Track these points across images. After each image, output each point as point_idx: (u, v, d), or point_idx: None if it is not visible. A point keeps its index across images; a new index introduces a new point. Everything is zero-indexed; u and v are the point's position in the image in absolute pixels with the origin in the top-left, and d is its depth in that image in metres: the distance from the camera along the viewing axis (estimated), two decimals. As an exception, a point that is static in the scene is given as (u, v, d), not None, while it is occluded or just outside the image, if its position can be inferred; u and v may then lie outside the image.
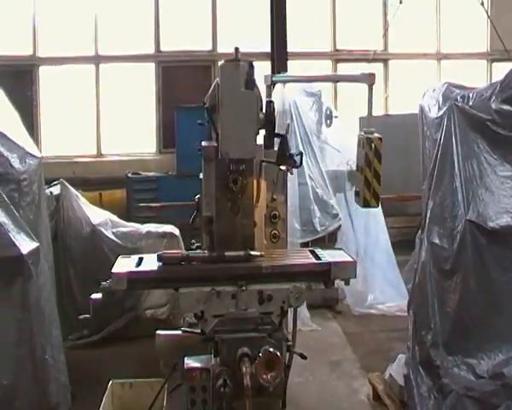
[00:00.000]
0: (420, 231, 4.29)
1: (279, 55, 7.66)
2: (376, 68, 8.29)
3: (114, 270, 3.26)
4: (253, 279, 3.32)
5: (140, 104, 8.13)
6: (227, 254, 3.46)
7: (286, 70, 7.76)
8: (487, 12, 7.77)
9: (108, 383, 3.54)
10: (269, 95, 4.56)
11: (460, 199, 3.74)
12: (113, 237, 5.32)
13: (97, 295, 4.05)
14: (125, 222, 5.69)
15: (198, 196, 3.92)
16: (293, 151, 3.65)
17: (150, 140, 8.27)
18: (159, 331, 3.74)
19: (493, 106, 3.78)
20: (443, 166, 3.93)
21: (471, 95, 4.28)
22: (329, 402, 4.50)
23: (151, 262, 3.42)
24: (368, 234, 6.45)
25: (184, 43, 7.91)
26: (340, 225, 6.01)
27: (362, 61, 8.12)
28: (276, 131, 3.38)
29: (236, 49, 3.36)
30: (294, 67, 7.82)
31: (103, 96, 7.98)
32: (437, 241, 3.82)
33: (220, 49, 7.97)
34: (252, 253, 3.44)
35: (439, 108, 4.74)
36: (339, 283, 3.59)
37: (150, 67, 7.97)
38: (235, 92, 3.20)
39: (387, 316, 6.28)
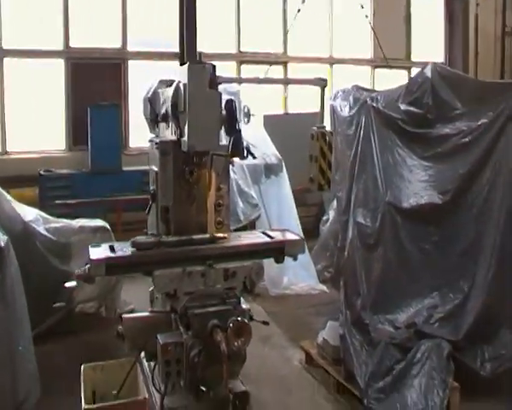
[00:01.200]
0: (342, 213, 4.98)
1: (190, 57, 7.96)
2: (277, 70, 9.01)
3: (92, 256, 3.48)
4: (219, 258, 3.74)
5: (48, 101, 7.95)
6: (194, 237, 3.83)
7: (196, 70, 8.09)
8: (370, 23, 8.82)
9: (81, 368, 3.69)
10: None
11: (380, 185, 4.47)
12: (45, 233, 5.32)
13: (71, 283, 4.18)
14: (55, 218, 5.69)
15: (153, 187, 4.22)
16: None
17: (59, 138, 8.12)
18: (124, 315, 3.94)
19: (402, 107, 4.57)
20: (364, 157, 4.63)
21: (379, 97, 5.05)
22: (268, 371, 5.00)
23: (124, 249, 3.68)
24: (281, 222, 7.06)
25: (94, 41, 7.90)
26: (259, 215, 6.55)
27: (264, 63, 8.74)
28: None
29: (200, 53, 3.76)
30: (202, 68, 8.18)
31: (8, 93, 7.68)
32: (362, 220, 4.52)
33: (130, 48, 8.10)
34: (216, 235, 3.86)
35: (351, 108, 5.47)
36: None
37: (59, 64, 7.83)
38: (201, 92, 3.60)
39: (301, 295, 6.96)
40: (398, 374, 4.16)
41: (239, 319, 3.62)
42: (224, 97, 6.80)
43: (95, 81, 7.88)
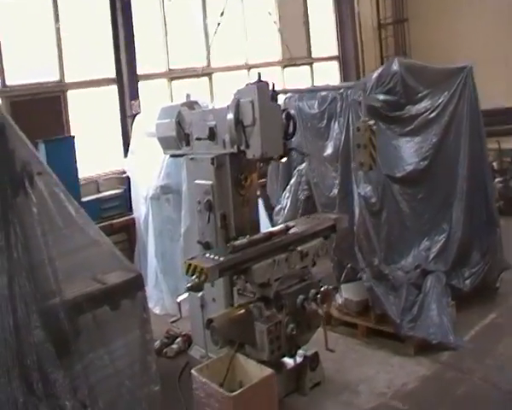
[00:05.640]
0: (339, 192, 5.85)
1: (130, 80, 8.27)
2: (204, 82, 9.64)
3: (206, 265, 3.95)
4: (296, 243, 4.46)
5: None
6: (272, 230, 4.49)
7: (138, 93, 8.42)
8: (278, 28, 9.84)
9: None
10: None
11: (377, 161, 5.46)
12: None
13: (184, 296, 4.55)
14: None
15: (208, 198, 4.74)
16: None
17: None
18: (210, 316, 4.37)
19: (381, 97, 5.62)
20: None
21: (349, 92, 6.00)
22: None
23: (219, 254, 4.16)
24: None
25: (31, 76, 7.78)
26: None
27: (192, 76, 9.33)
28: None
29: (259, 74, 4.38)
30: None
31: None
32: (366, 193, 5.48)
33: (68, 79, 8.10)
34: (289, 224, 4.56)
35: (320, 105, 6.39)
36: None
37: (-4, 103, 7.57)
38: (267, 106, 4.24)
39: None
40: (420, 305, 5.29)
41: (323, 288, 4.40)
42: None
43: (36, 116, 7.77)
